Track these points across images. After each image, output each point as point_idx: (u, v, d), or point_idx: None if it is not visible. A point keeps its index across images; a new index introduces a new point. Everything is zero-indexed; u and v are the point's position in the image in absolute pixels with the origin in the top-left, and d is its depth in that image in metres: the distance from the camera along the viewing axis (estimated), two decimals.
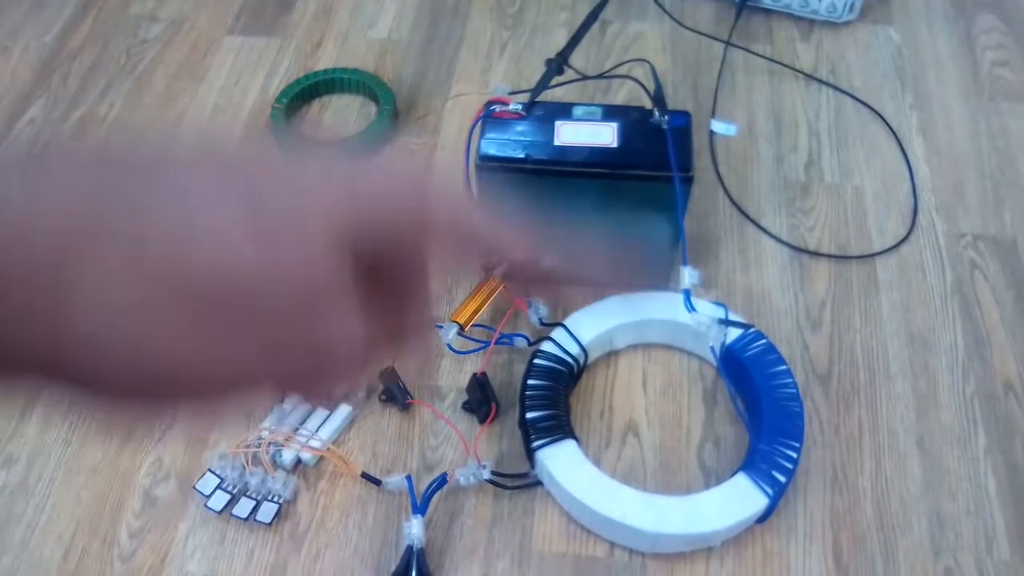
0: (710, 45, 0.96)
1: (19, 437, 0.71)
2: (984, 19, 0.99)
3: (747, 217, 0.81)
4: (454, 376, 0.72)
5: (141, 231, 0.19)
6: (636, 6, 1.00)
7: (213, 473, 0.66)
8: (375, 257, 0.23)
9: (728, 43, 0.94)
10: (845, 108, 0.90)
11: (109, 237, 0.19)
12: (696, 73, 0.94)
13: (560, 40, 0.97)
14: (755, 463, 0.63)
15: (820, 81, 0.92)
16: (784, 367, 0.68)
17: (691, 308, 0.66)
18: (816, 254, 0.79)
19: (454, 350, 0.72)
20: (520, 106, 0.69)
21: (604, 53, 0.96)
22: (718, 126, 0.87)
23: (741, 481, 0.62)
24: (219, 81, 0.96)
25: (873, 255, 0.79)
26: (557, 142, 0.67)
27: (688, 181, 0.66)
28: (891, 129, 0.88)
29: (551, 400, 0.67)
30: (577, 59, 0.95)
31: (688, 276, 0.65)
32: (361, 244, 0.22)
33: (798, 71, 0.93)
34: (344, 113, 0.92)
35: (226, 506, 0.65)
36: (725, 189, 0.83)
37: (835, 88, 0.92)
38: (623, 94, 0.91)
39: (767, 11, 0.98)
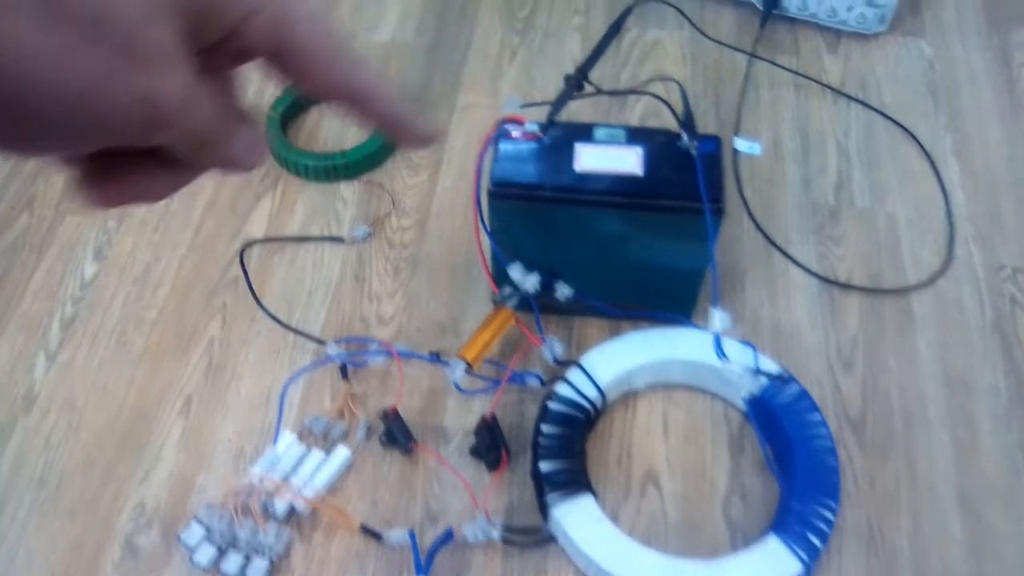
0: (732, 56, 0.90)
1: None
2: (1020, 33, 0.93)
3: (774, 245, 0.76)
4: (460, 416, 0.67)
5: None
6: (654, 13, 0.94)
7: (199, 523, 0.61)
8: (200, 24, 0.23)
9: (752, 55, 0.89)
10: (875, 126, 0.85)
11: None
12: (717, 85, 0.88)
13: (574, 47, 0.92)
14: (788, 524, 0.58)
15: (849, 97, 0.87)
16: (818, 416, 0.63)
17: (722, 355, 0.60)
18: (847, 286, 0.74)
19: (461, 390, 0.66)
20: (536, 126, 0.63)
21: (620, 63, 0.90)
22: (742, 144, 0.82)
23: (773, 544, 0.57)
24: None
25: (907, 289, 0.74)
26: (577, 168, 0.62)
27: (719, 213, 0.60)
28: (924, 151, 0.83)
29: (566, 449, 0.62)
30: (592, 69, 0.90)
31: (719, 319, 0.60)
32: (192, 8, 0.22)
33: (825, 85, 0.88)
34: (344, 123, 0.86)
35: (214, 561, 0.60)
36: (750, 213, 0.78)
37: (864, 105, 0.86)
38: (640, 108, 0.86)
39: (792, 20, 0.93)
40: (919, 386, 0.68)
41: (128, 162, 0.25)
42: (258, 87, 0.89)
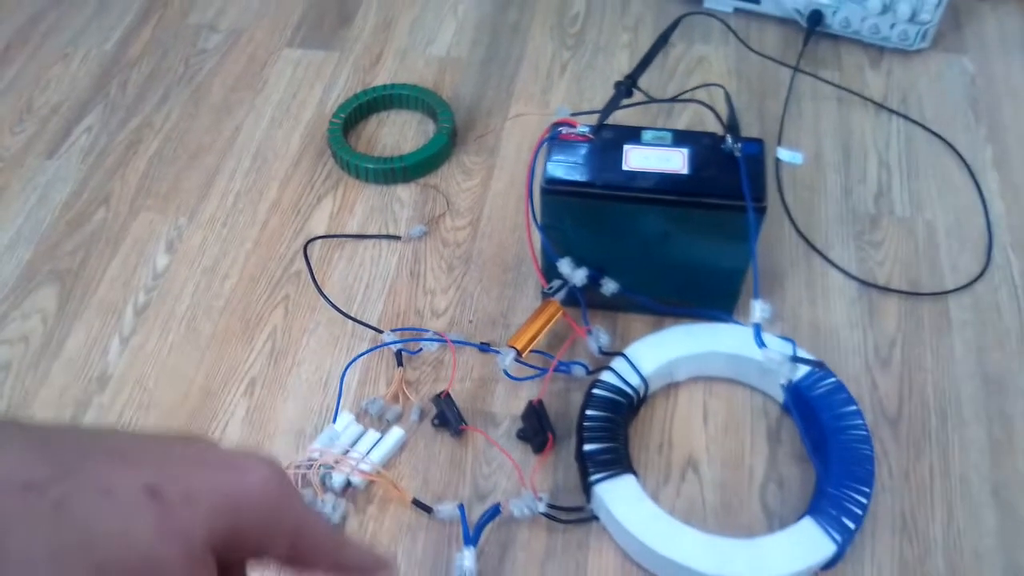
0: (776, 70, 0.94)
1: None
2: None
3: (814, 249, 0.79)
4: (509, 403, 0.70)
5: (63, 492, 0.22)
6: (700, 28, 0.98)
7: None
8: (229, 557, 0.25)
9: (796, 69, 0.92)
10: (916, 139, 0.87)
11: (34, 495, 0.22)
12: (762, 98, 0.91)
13: (623, 62, 0.96)
14: (823, 508, 0.60)
15: (890, 110, 0.90)
16: (854, 407, 0.65)
17: (761, 343, 0.63)
18: (886, 289, 0.76)
19: (511, 376, 0.70)
20: (587, 128, 0.67)
21: (667, 76, 0.94)
22: (784, 154, 0.84)
23: (808, 526, 0.59)
24: (277, 94, 0.95)
25: (946, 292, 0.76)
26: (625, 167, 0.65)
27: (761, 211, 0.63)
28: (964, 162, 0.85)
29: (610, 432, 0.64)
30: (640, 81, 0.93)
31: (759, 310, 0.62)
32: (226, 543, 0.25)
33: (867, 99, 0.90)
34: (402, 129, 0.91)
35: None
36: (791, 219, 0.81)
37: (905, 118, 0.89)
38: (686, 117, 0.89)
39: (835, 37, 0.96)
40: (955, 385, 0.70)
41: None
42: (321, 96, 0.94)
